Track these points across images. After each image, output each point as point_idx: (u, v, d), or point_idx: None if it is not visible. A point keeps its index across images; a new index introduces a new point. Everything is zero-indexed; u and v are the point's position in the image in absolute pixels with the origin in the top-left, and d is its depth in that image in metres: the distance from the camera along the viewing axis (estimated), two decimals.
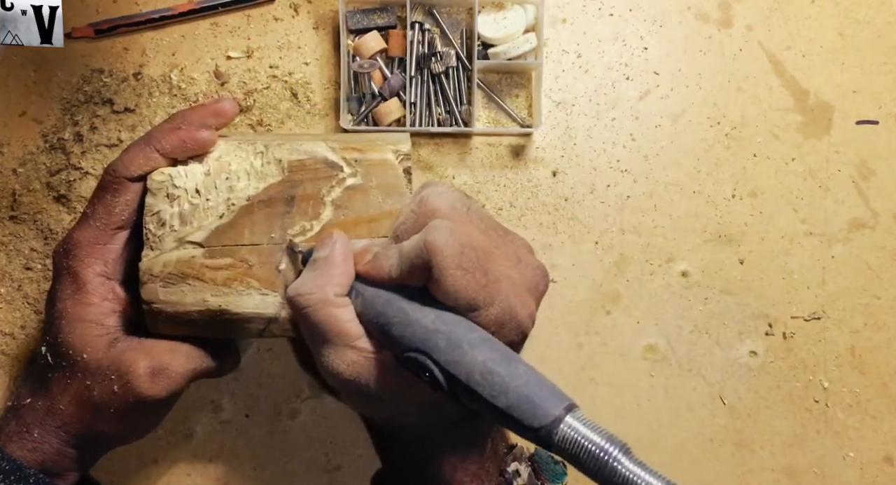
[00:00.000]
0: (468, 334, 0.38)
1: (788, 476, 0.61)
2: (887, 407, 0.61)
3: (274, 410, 0.59)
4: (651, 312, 0.61)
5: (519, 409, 0.35)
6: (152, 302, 0.45)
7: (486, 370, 0.36)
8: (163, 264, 0.45)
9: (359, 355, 0.41)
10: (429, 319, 0.39)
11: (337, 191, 0.47)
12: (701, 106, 0.62)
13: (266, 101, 0.60)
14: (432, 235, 0.39)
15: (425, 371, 0.38)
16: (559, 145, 0.61)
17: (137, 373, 0.45)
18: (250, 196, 0.46)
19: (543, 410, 0.35)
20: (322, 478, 0.59)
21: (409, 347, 0.39)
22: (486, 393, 0.36)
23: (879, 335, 0.62)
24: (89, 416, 0.46)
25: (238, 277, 0.45)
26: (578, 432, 0.34)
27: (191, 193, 0.46)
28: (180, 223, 0.45)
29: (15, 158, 0.59)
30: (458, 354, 0.37)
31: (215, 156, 0.46)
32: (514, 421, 0.35)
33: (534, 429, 0.35)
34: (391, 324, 0.40)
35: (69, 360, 0.46)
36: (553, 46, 0.62)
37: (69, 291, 0.46)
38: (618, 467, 0.32)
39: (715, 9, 0.63)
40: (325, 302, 0.41)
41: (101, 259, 0.46)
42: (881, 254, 0.62)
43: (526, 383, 0.36)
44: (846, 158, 0.63)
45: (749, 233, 0.62)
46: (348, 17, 0.59)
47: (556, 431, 0.34)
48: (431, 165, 0.61)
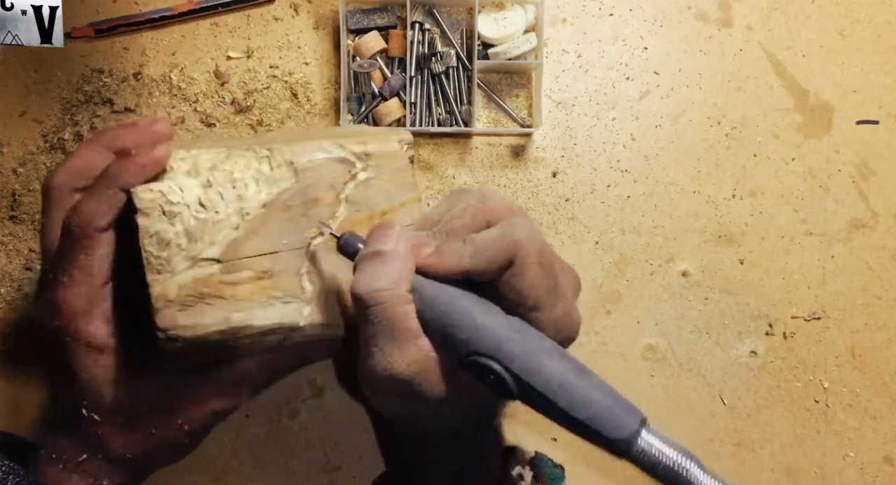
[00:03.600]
0: (541, 343, 0.38)
1: (788, 476, 0.61)
2: (887, 407, 0.61)
3: (274, 410, 0.59)
4: (651, 312, 0.61)
5: (599, 421, 0.36)
6: (169, 329, 0.41)
7: (563, 381, 0.37)
8: (178, 287, 0.41)
9: (419, 353, 0.40)
10: (498, 324, 0.39)
11: (350, 187, 0.45)
12: (701, 106, 0.62)
13: (266, 101, 0.60)
14: (518, 230, 0.39)
15: (491, 375, 0.38)
16: (559, 145, 0.61)
17: (206, 411, 0.46)
18: (265, 203, 0.43)
19: (624, 422, 0.36)
20: (322, 478, 0.59)
21: (477, 352, 0.38)
22: (564, 404, 0.37)
23: (880, 335, 0.62)
24: (162, 452, 0.47)
25: (260, 289, 0.43)
26: (655, 446, 0.36)
27: (194, 207, 0.42)
28: (189, 241, 0.41)
29: (15, 158, 0.59)
30: (533, 363, 0.37)
31: (207, 166, 0.43)
32: (592, 432, 0.37)
33: (613, 440, 0.36)
34: (455, 326, 0.39)
35: (126, 414, 0.45)
36: (553, 46, 0.62)
37: (90, 360, 0.44)
38: (690, 479, 0.35)
39: (715, 9, 0.63)
40: (399, 298, 0.39)
41: (103, 318, 0.44)
42: (881, 254, 0.62)
43: (605, 395, 0.37)
44: (846, 157, 0.63)
45: (749, 233, 0.62)
46: (348, 17, 0.59)
47: (634, 443, 0.36)
48: (431, 164, 0.61)
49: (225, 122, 0.60)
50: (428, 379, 0.40)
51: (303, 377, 0.59)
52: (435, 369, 0.40)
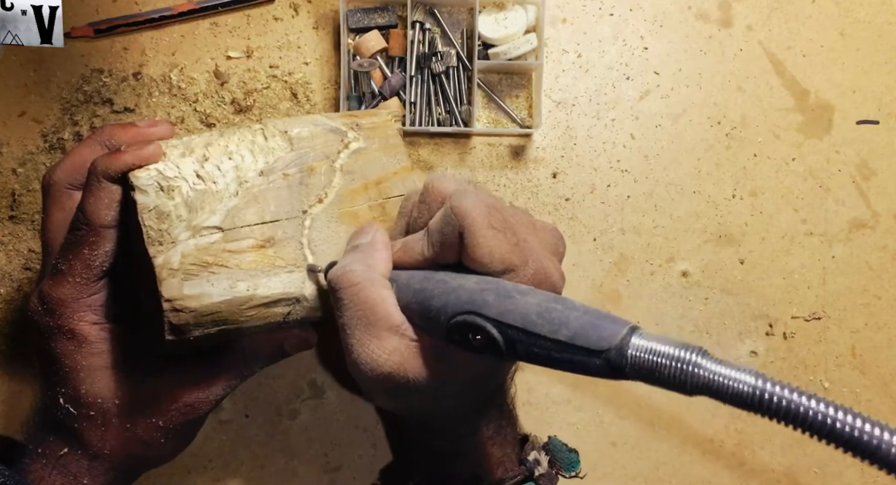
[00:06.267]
0: (515, 286, 0.37)
1: (788, 476, 0.61)
2: (888, 407, 0.61)
3: (274, 410, 0.59)
4: (651, 312, 0.61)
5: (584, 336, 0.33)
6: (175, 299, 0.41)
7: (541, 310, 0.35)
8: (181, 255, 0.41)
9: (401, 342, 0.39)
10: (471, 281, 0.38)
11: (344, 156, 0.46)
12: (701, 106, 0.62)
13: (266, 101, 0.60)
14: (457, 201, 0.38)
15: (477, 333, 0.36)
16: (559, 145, 0.61)
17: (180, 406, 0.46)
18: (262, 170, 0.44)
19: (609, 331, 0.33)
20: (322, 478, 0.59)
21: (456, 312, 0.37)
22: (545, 330, 0.34)
23: (880, 335, 0.62)
24: (138, 449, 0.46)
25: (263, 257, 0.43)
26: (650, 348, 0.31)
27: (191, 180, 0.43)
28: (189, 211, 0.42)
29: (15, 158, 0.59)
30: (509, 302, 0.36)
31: (201, 145, 0.44)
32: (579, 351, 0.33)
33: (602, 351, 0.32)
34: (432, 296, 0.38)
35: (98, 408, 0.45)
36: (553, 46, 0.62)
37: (71, 348, 0.45)
38: (700, 372, 0.30)
39: (715, 9, 0.63)
40: (373, 281, 0.40)
41: (90, 310, 0.45)
42: (882, 254, 0.62)
43: (585, 312, 0.34)
44: (847, 157, 0.62)
45: (749, 233, 0.62)
46: (349, 16, 0.59)
47: (626, 350, 0.32)
48: (431, 164, 0.61)
49: (225, 121, 0.60)
50: (412, 367, 0.39)
51: (303, 377, 0.59)
52: (418, 355, 0.40)
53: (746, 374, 0.28)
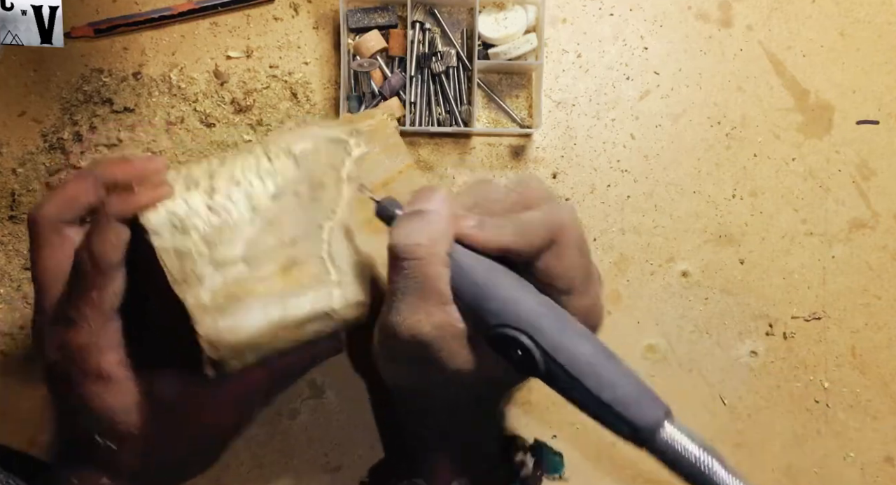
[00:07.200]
0: (572, 323, 0.38)
1: (788, 476, 0.61)
2: (888, 407, 0.61)
3: (274, 410, 0.59)
4: (651, 312, 0.61)
5: (624, 405, 0.35)
6: (210, 335, 0.40)
7: (592, 362, 0.36)
8: (211, 293, 0.41)
9: (445, 319, 0.40)
10: (532, 298, 0.38)
11: (349, 164, 0.46)
12: (701, 106, 0.62)
13: (266, 101, 0.60)
14: (563, 213, 0.40)
15: (518, 350, 0.37)
16: (559, 145, 0.61)
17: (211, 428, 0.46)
18: (274, 195, 0.44)
19: (650, 410, 0.35)
20: (322, 478, 0.59)
21: (507, 324, 0.37)
22: (591, 384, 0.36)
23: (880, 335, 0.62)
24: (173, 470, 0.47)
25: (289, 279, 0.43)
26: (679, 440, 0.35)
27: (204, 214, 0.42)
28: (208, 247, 0.42)
29: (14, 158, 0.59)
30: (565, 339, 0.37)
31: (205, 175, 0.43)
32: (616, 416, 0.36)
33: (637, 428, 0.35)
34: (488, 297, 0.38)
35: (136, 441, 0.45)
36: (553, 46, 0.62)
37: (101, 390, 0.44)
38: (714, 480, 0.35)
39: (715, 8, 0.63)
40: (435, 257, 0.39)
41: (111, 350, 0.43)
42: (882, 254, 0.62)
43: (631, 382, 0.36)
44: (847, 157, 0.62)
45: (749, 233, 0.62)
46: (349, 16, 0.59)
47: (658, 434, 0.35)
48: (431, 164, 0.61)
49: (225, 121, 0.60)
50: (449, 346, 0.40)
51: (303, 377, 0.59)
52: (457, 338, 0.40)
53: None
